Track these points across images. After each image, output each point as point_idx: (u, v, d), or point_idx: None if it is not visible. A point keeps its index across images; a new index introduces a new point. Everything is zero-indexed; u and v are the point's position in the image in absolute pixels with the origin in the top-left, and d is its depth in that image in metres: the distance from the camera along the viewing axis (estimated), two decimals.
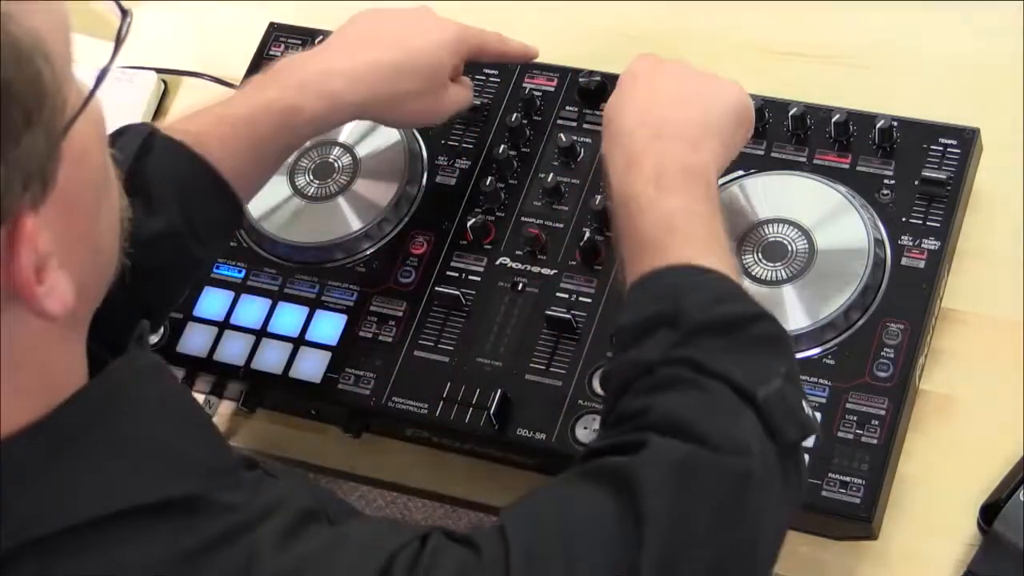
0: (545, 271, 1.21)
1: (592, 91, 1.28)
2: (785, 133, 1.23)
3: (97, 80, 0.73)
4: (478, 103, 1.29)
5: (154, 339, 1.23)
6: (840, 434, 1.09)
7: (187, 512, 0.76)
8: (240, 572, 0.75)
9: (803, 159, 1.22)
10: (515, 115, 1.28)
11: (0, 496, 0.72)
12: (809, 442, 1.09)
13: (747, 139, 1.12)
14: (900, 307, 1.14)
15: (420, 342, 1.20)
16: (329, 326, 1.22)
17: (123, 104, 1.42)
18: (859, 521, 1.07)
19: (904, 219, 1.17)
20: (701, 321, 0.91)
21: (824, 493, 1.07)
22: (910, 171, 1.19)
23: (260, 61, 1.38)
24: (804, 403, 0.92)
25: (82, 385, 0.77)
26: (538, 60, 1.31)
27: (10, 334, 0.71)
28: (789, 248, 1.17)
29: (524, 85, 1.30)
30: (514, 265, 1.22)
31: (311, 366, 1.21)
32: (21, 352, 0.72)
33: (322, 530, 0.80)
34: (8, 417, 0.73)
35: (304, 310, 1.24)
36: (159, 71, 1.45)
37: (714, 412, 0.88)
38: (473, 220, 1.24)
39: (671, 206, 0.98)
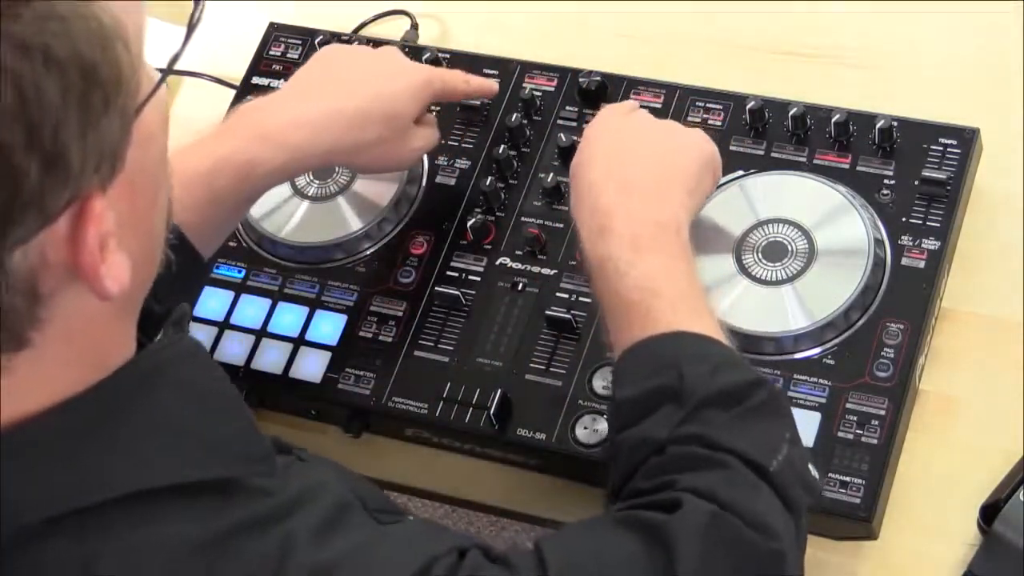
0: (545, 271, 1.21)
1: (592, 91, 1.28)
2: (785, 133, 1.23)
3: (169, 65, 0.75)
4: (478, 103, 1.29)
5: None
6: (840, 434, 1.09)
7: (220, 495, 0.77)
8: (274, 562, 0.75)
9: (803, 159, 1.22)
10: (515, 115, 1.28)
11: (38, 467, 0.73)
12: (808, 441, 1.09)
13: (715, 185, 1.12)
14: (900, 307, 1.14)
15: (420, 342, 1.20)
16: (329, 326, 1.22)
17: None
18: (859, 521, 1.07)
19: (904, 219, 1.17)
20: (704, 395, 0.91)
21: (824, 493, 1.07)
22: (910, 171, 1.19)
23: (260, 61, 1.38)
24: (809, 464, 0.93)
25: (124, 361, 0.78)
26: (538, 60, 1.32)
27: (66, 310, 0.72)
28: (789, 248, 1.17)
29: (524, 85, 1.30)
30: (514, 265, 1.22)
31: (311, 366, 1.21)
32: (75, 328, 0.74)
33: (358, 524, 0.81)
34: (53, 389, 0.74)
35: (304, 310, 1.24)
36: (159, 71, 1.45)
37: (736, 486, 0.88)
38: (473, 220, 1.24)
39: (650, 267, 0.99)
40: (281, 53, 1.38)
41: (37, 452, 0.73)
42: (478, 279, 1.22)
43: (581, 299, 1.19)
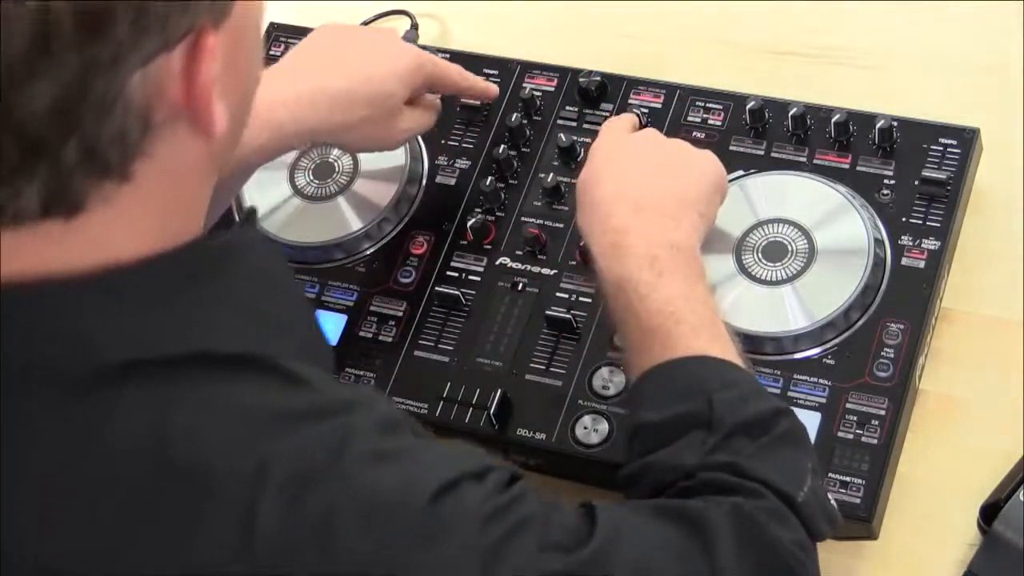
0: (545, 271, 1.21)
1: (592, 91, 1.28)
2: (785, 133, 1.23)
3: None
4: (478, 103, 1.29)
5: None
6: (840, 434, 1.09)
7: (287, 381, 0.79)
8: (336, 443, 0.77)
9: (803, 159, 1.22)
10: (515, 115, 1.28)
11: (124, 310, 0.76)
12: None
13: (719, 206, 1.12)
14: (900, 307, 1.14)
15: (420, 342, 1.20)
16: (329, 326, 1.22)
17: None
18: (859, 521, 1.07)
19: (904, 219, 1.17)
20: (733, 423, 0.92)
21: None
22: (910, 171, 1.19)
23: None
24: (828, 495, 0.94)
25: (200, 234, 0.82)
26: (538, 60, 1.32)
27: (168, 151, 0.76)
28: (789, 248, 1.17)
29: (524, 85, 1.30)
30: (514, 265, 1.22)
31: None
32: (171, 174, 0.77)
33: (412, 433, 0.83)
34: (142, 238, 0.77)
35: None
36: None
37: (767, 513, 0.89)
38: (473, 220, 1.24)
39: (670, 292, 0.99)
40: (281, 53, 1.37)
41: (125, 297, 0.76)
42: (478, 279, 1.22)
43: (581, 299, 1.19)
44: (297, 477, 0.75)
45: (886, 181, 1.19)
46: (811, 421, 1.10)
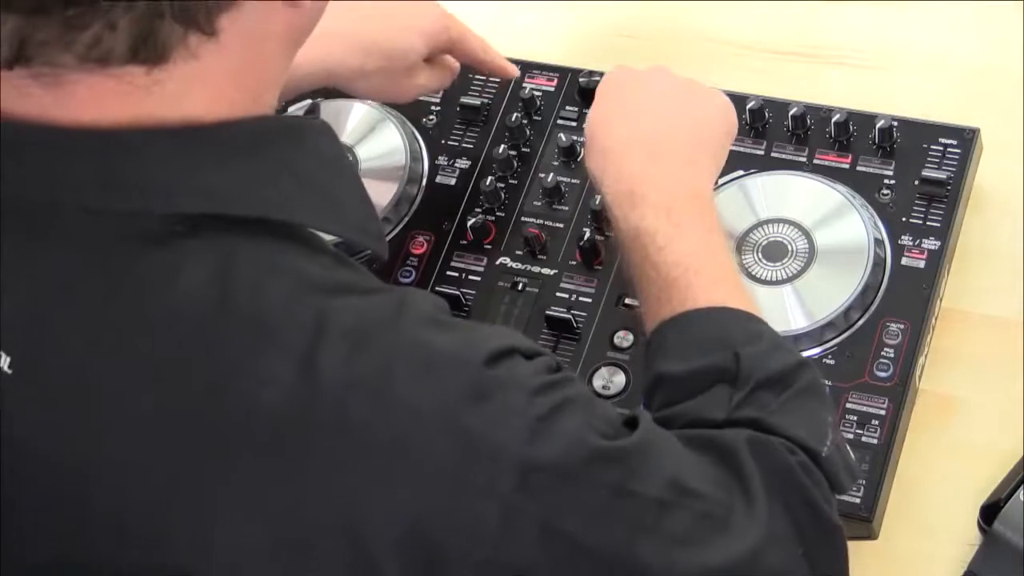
0: (545, 271, 1.21)
1: (592, 91, 1.28)
2: (785, 133, 1.23)
3: None
4: (478, 103, 1.29)
5: None
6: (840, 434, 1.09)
7: (340, 259, 0.83)
8: (395, 308, 0.80)
9: (803, 159, 1.22)
10: (515, 115, 1.28)
11: (196, 166, 0.78)
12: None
13: (729, 146, 1.11)
14: (900, 307, 1.14)
15: None
16: None
17: None
18: (859, 521, 1.07)
19: (904, 219, 1.17)
20: (759, 378, 0.92)
21: None
22: (910, 171, 1.19)
23: None
24: (847, 447, 0.94)
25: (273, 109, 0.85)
26: (538, 60, 1.32)
27: (257, 22, 0.79)
28: (789, 248, 1.17)
29: (524, 85, 1.30)
30: (514, 265, 1.22)
31: None
32: (257, 47, 0.80)
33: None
34: (219, 99, 0.79)
35: None
36: None
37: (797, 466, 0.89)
38: (473, 220, 1.24)
39: (689, 243, 0.99)
40: None
41: (201, 154, 0.78)
42: (478, 279, 1.22)
43: (581, 299, 1.19)
44: (357, 330, 0.77)
45: (886, 181, 1.19)
46: None
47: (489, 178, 1.25)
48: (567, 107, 1.29)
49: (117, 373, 0.76)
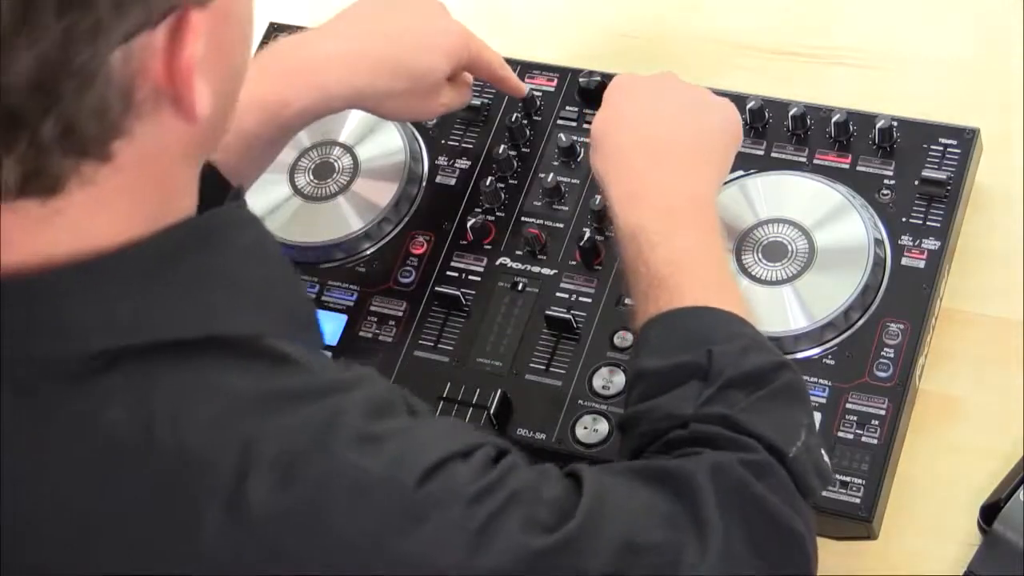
0: (545, 271, 1.21)
1: (592, 91, 1.28)
2: (785, 133, 1.23)
3: None
4: (478, 103, 1.29)
5: None
6: (840, 434, 1.09)
7: (273, 362, 0.79)
8: (323, 426, 0.77)
9: (803, 159, 1.22)
10: (515, 115, 1.28)
11: (107, 298, 0.76)
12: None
13: (734, 156, 1.12)
14: (900, 307, 1.14)
15: (420, 342, 1.20)
16: (329, 326, 1.22)
17: None
18: (859, 521, 1.07)
19: (904, 219, 1.17)
20: (732, 376, 0.92)
21: (824, 493, 1.07)
22: (910, 171, 1.19)
23: None
24: (822, 451, 0.94)
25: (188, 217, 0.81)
26: (538, 60, 1.32)
27: (149, 133, 0.75)
28: (789, 248, 1.17)
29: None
30: (514, 265, 1.22)
31: None
32: (152, 157, 0.76)
33: (402, 413, 0.82)
34: (123, 222, 0.76)
35: None
36: None
37: (754, 469, 0.89)
38: (473, 220, 1.24)
39: (683, 242, 0.99)
40: None
41: (108, 284, 0.76)
42: (478, 279, 1.22)
43: (581, 299, 1.19)
44: (285, 456, 0.75)
45: (886, 181, 1.19)
46: None
47: (489, 178, 1.25)
48: (567, 107, 1.29)
49: (47, 523, 0.75)
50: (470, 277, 1.22)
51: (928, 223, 1.17)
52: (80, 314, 0.75)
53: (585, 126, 1.27)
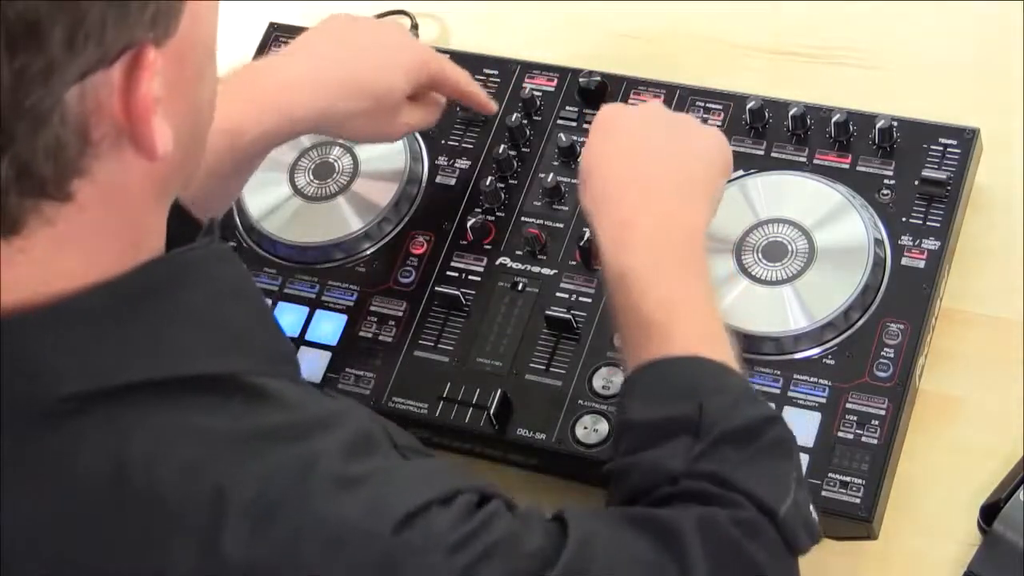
0: (545, 271, 1.21)
1: (592, 91, 1.28)
2: (785, 133, 1.23)
3: None
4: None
5: None
6: (840, 434, 1.09)
7: (249, 398, 0.78)
8: (301, 466, 0.76)
9: (803, 159, 1.22)
10: (515, 115, 1.28)
11: (77, 341, 0.75)
12: (808, 441, 1.09)
13: (724, 184, 1.11)
14: (900, 307, 1.14)
15: (420, 342, 1.20)
16: (329, 326, 1.22)
17: None
18: (859, 521, 1.07)
19: (904, 219, 1.17)
20: (722, 431, 0.91)
21: (824, 493, 1.07)
22: (910, 171, 1.19)
23: None
24: (810, 506, 0.94)
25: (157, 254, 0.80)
26: (538, 60, 1.32)
27: (110, 172, 0.74)
28: (789, 248, 1.17)
29: (524, 85, 1.30)
30: (514, 265, 1.22)
31: (311, 366, 1.21)
32: (115, 195, 0.75)
33: (383, 452, 0.82)
34: (89, 263, 0.75)
35: (304, 310, 1.24)
36: None
37: (745, 527, 0.88)
38: (473, 220, 1.24)
39: (672, 288, 0.99)
40: None
41: (78, 326, 0.75)
42: (478, 279, 1.22)
43: (581, 299, 1.19)
44: (260, 502, 0.74)
45: (886, 181, 1.19)
46: (811, 421, 1.10)
47: (489, 178, 1.25)
48: (567, 107, 1.29)
49: (19, 564, 0.74)
50: (470, 277, 1.22)
51: (928, 223, 1.17)
52: (49, 357, 0.74)
53: (585, 126, 1.27)
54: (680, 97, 1.27)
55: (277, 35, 1.39)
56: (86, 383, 0.74)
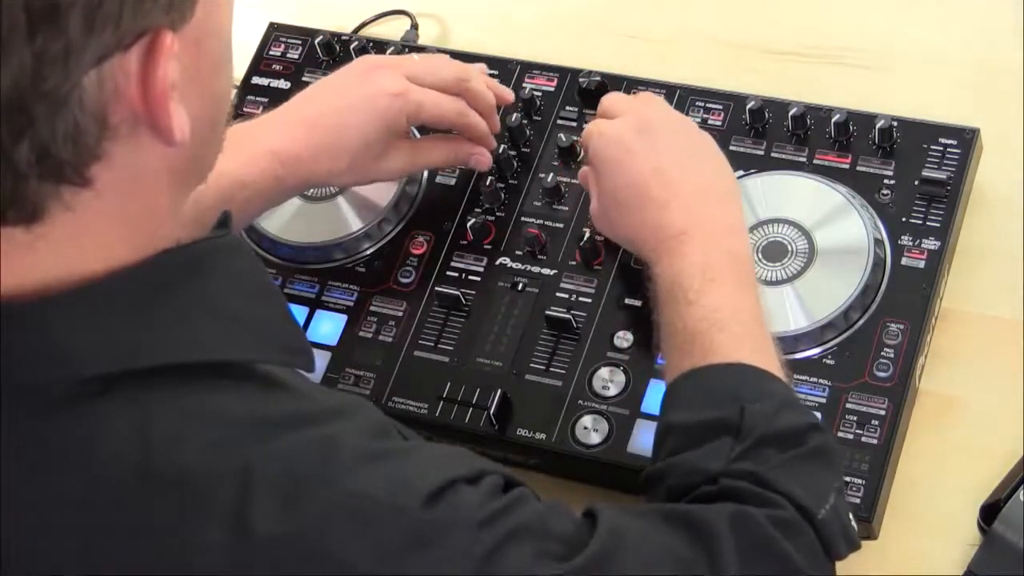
0: (545, 271, 1.21)
1: (592, 91, 1.28)
2: (785, 133, 1.23)
3: None
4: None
5: None
6: (840, 434, 1.09)
7: (266, 386, 0.79)
8: (325, 449, 0.77)
9: (803, 159, 1.22)
10: (515, 115, 1.28)
11: (99, 324, 0.75)
12: None
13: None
14: (900, 307, 1.14)
15: (420, 342, 1.20)
16: (329, 326, 1.22)
17: None
18: (859, 521, 1.07)
19: (904, 219, 1.17)
20: (763, 434, 0.92)
21: None
22: (910, 171, 1.19)
23: (260, 61, 1.38)
24: (850, 515, 0.94)
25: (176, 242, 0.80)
26: (538, 60, 1.32)
27: (129, 157, 0.74)
28: (789, 248, 1.17)
29: (524, 85, 1.30)
30: (514, 265, 1.22)
31: None
32: (134, 181, 0.76)
33: (399, 437, 0.82)
34: (110, 248, 0.76)
35: (304, 310, 1.24)
36: None
37: (783, 526, 0.89)
38: (473, 220, 1.24)
39: (719, 299, 1.00)
40: (281, 53, 1.38)
41: (100, 310, 0.75)
42: (478, 279, 1.22)
43: (581, 299, 1.19)
44: (286, 479, 0.75)
45: (886, 181, 1.19)
46: None
47: (489, 178, 1.25)
48: (567, 107, 1.29)
49: (42, 552, 0.74)
50: (470, 277, 1.22)
51: (928, 223, 1.17)
52: (73, 340, 0.75)
53: (585, 126, 1.27)
54: (680, 97, 1.27)
55: (277, 35, 1.39)
56: (108, 365, 0.75)
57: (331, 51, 1.36)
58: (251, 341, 0.81)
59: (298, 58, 1.37)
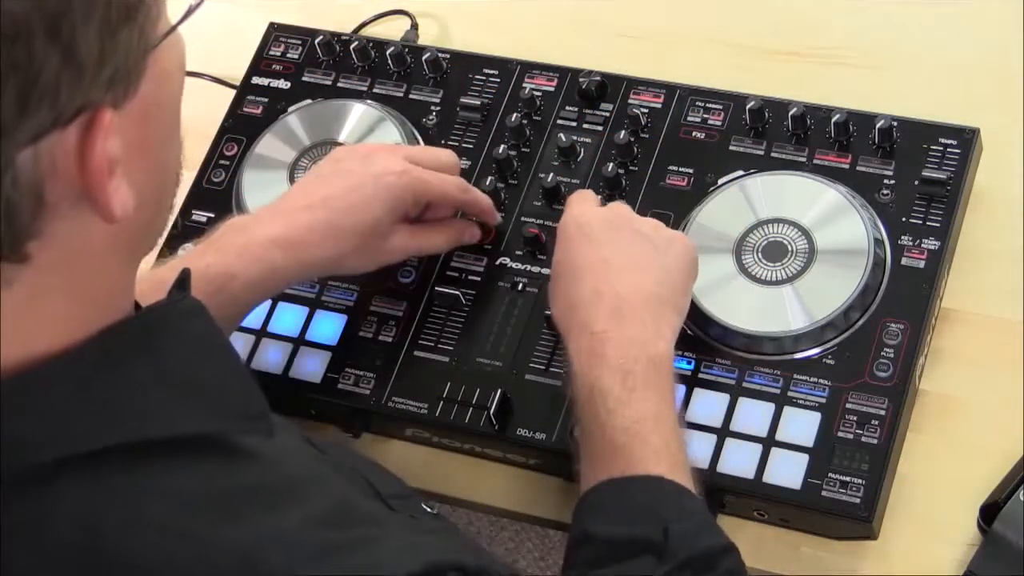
0: (545, 271, 1.21)
1: (592, 91, 1.28)
2: (785, 133, 1.23)
3: (187, 12, 0.78)
4: (477, 103, 1.29)
5: None
6: (840, 434, 1.09)
7: (222, 457, 0.78)
8: (276, 532, 0.75)
9: (803, 159, 1.22)
10: (515, 115, 1.28)
11: (45, 408, 0.74)
12: (809, 441, 1.09)
13: (691, 291, 1.11)
14: (900, 307, 1.14)
15: (420, 342, 1.20)
16: (329, 326, 1.22)
17: None
18: (859, 521, 1.07)
19: (904, 219, 1.17)
20: (685, 558, 0.93)
21: (824, 493, 1.07)
22: (910, 171, 1.19)
23: (260, 61, 1.38)
24: None
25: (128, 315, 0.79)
26: (538, 60, 1.32)
27: (69, 233, 0.73)
28: (789, 248, 1.17)
29: (524, 85, 1.30)
30: (514, 265, 1.22)
31: (311, 366, 1.21)
32: (76, 256, 0.74)
33: (360, 519, 0.81)
34: (55, 326, 0.74)
35: (304, 310, 1.23)
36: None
37: None
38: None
39: (640, 410, 1.00)
40: (281, 53, 1.38)
41: (48, 392, 0.74)
42: (478, 279, 1.22)
43: None
44: (246, 570, 0.73)
45: (886, 181, 1.19)
46: (811, 421, 1.10)
47: (489, 178, 1.25)
48: (567, 107, 1.29)
49: None
50: (470, 277, 1.22)
51: (928, 223, 1.17)
52: (20, 425, 0.73)
53: (585, 126, 1.27)
54: (680, 97, 1.27)
55: (277, 35, 1.39)
56: (56, 451, 0.73)
57: (331, 51, 1.36)
58: (206, 412, 0.79)
59: (298, 58, 1.37)
